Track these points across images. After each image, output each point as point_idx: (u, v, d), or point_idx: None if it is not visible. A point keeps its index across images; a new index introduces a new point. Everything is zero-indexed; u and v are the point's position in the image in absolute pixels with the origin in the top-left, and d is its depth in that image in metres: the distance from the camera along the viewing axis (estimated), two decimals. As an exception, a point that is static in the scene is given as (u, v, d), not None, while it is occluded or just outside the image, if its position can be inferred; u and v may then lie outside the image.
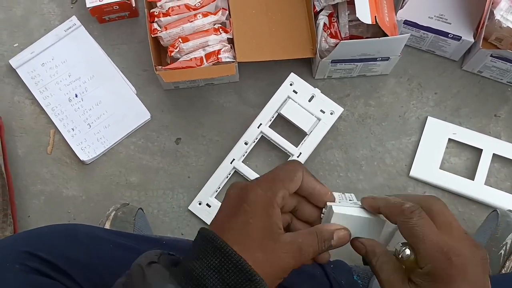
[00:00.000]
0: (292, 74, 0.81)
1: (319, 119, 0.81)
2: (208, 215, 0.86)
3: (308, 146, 0.81)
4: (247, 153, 0.84)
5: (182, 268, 0.40)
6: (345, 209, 0.46)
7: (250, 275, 0.37)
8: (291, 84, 0.82)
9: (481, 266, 0.40)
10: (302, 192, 0.45)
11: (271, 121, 0.83)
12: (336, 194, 0.48)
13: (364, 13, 0.76)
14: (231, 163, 0.85)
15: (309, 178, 0.45)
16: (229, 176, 0.87)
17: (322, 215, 0.46)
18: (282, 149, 0.82)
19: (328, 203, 0.46)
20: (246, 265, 0.38)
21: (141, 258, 0.42)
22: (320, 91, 0.80)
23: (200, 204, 0.87)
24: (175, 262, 0.42)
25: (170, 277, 0.38)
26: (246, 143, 0.80)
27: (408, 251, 0.41)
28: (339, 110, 0.82)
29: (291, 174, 0.43)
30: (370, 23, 0.76)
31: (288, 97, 0.81)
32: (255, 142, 0.85)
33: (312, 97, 0.81)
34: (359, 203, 0.47)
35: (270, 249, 0.40)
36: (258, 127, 0.81)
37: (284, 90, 0.82)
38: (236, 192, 0.42)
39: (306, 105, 0.81)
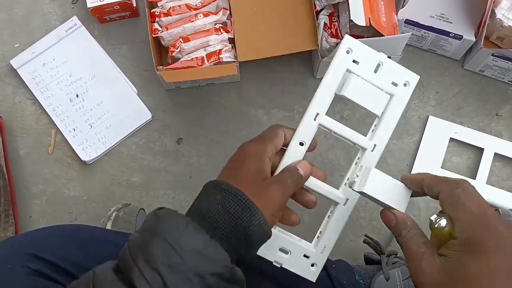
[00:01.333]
0: (347, 37, 0.55)
1: (391, 95, 0.56)
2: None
3: (382, 134, 0.56)
4: (307, 157, 0.56)
5: (190, 208, 0.47)
6: (384, 174, 0.50)
7: (247, 203, 0.44)
8: (348, 52, 0.54)
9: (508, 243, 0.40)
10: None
11: (328, 105, 0.57)
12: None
13: (358, 15, 0.77)
14: None
15: (290, 132, 0.53)
16: None
17: (356, 177, 0.51)
18: (349, 142, 0.57)
19: (366, 165, 0.53)
20: (243, 196, 0.44)
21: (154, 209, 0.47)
22: (386, 56, 0.55)
23: None
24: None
25: (178, 213, 0.45)
26: (302, 144, 0.54)
27: (444, 221, 0.42)
28: (414, 79, 0.56)
29: (275, 133, 0.52)
30: (364, 24, 0.77)
31: (348, 70, 0.55)
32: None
33: (378, 66, 0.55)
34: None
35: (260, 185, 0.47)
36: (314, 119, 0.54)
37: (340, 61, 0.54)
38: (236, 152, 0.51)
39: (373, 78, 0.55)
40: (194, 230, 0.43)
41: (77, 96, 0.94)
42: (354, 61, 0.55)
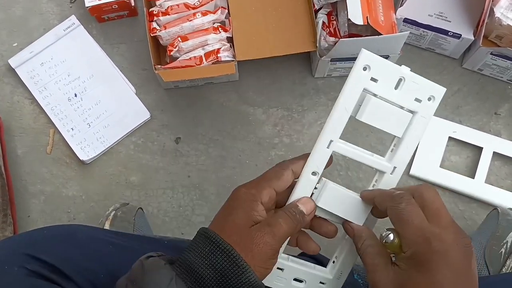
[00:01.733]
0: (364, 51, 0.48)
1: (414, 113, 0.49)
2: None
3: (402, 155, 0.50)
4: (320, 189, 0.50)
5: (178, 260, 0.44)
6: (339, 187, 0.50)
7: (235, 259, 0.41)
8: (365, 69, 0.48)
9: (464, 252, 0.41)
10: None
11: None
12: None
13: (355, 14, 0.77)
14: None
15: (300, 166, 0.49)
16: None
17: (314, 189, 0.49)
18: (366, 165, 0.52)
19: (324, 178, 0.50)
20: (232, 251, 0.42)
21: (142, 256, 0.45)
22: (409, 69, 0.49)
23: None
24: (173, 261, 0.45)
25: (165, 265, 0.42)
26: (314, 174, 0.49)
27: (391, 236, 0.43)
28: (440, 92, 0.50)
29: (279, 174, 0.47)
30: (362, 23, 0.76)
31: (365, 90, 0.48)
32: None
33: (400, 81, 0.49)
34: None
35: (246, 234, 0.43)
36: (328, 147, 0.49)
37: (357, 80, 0.48)
38: (230, 199, 0.47)
39: (393, 97, 0.49)
40: (177, 287, 0.41)
41: (76, 95, 0.94)
42: (372, 79, 0.48)
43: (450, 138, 0.90)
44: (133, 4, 0.95)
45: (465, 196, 0.88)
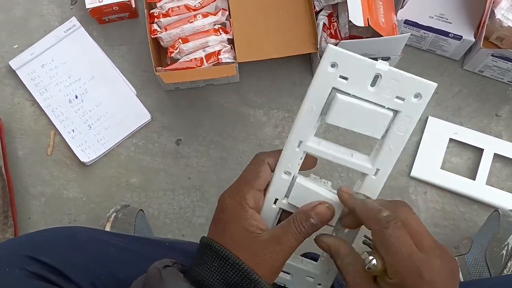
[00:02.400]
0: (330, 47, 0.42)
1: (396, 112, 0.44)
2: None
3: (386, 157, 0.46)
4: (293, 186, 0.48)
5: (190, 273, 0.43)
6: (309, 183, 0.46)
7: (246, 273, 0.40)
8: (333, 66, 0.43)
9: (451, 278, 0.39)
10: None
11: (316, 129, 0.47)
12: (312, 176, 0.48)
13: (356, 15, 0.77)
14: (274, 203, 0.49)
15: (277, 158, 0.47)
16: (278, 218, 0.52)
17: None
18: (348, 166, 0.47)
19: (296, 174, 0.47)
20: (242, 265, 0.41)
21: (156, 263, 0.44)
22: (387, 63, 0.43)
23: None
24: (185, 271, 0.45)
25: (183, 278, 0.42)
26: (287, 173, 0.47)
27: (374, 262, 0.40)
28: (428, 88, 0.44)
29: (256, 172, 0.45)
30: (362, 25, 0.77)
31: (334, 89, 0.44)
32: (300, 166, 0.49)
33: (377, 78, 0.43)
34: (334, 191, 0.46)
35: (252, 250, 0.42)
36: (298, 147, 0.46)
37: (323, 79, 0.43)
38: (218, 208, 0.45)
39: (368, 95, 0.43)
40: None
41: (76, 97, 0.94)
42: (341, 76, 0.43)
43: (451, 139, 0.90)
44: (133, 6, 0.95)
45: (466, 197, 0.88)
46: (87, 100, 0.94)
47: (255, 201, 0.45)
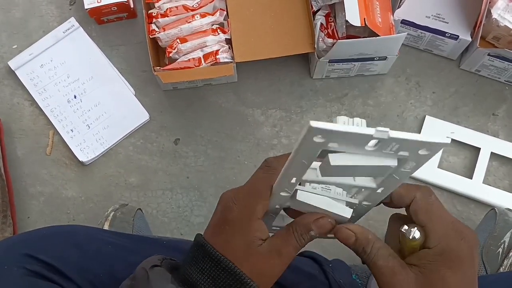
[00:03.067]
0: (311, 125, 0.30)
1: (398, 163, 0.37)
2: None
3: (390, 183, 0.40)
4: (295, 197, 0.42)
5: (180, 271, 0.42)
6: (311, 198, 0.41)
7: (239, 276, 0.39)
8: (319, 137, 0.32)
9: (478, 245, 0.40)
10: None
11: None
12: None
13: (353, 15, 0.77)
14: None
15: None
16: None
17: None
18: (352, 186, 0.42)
19: (297, 187, 0.41)
20: (234, 268, 0.39)
21: (144, 262, 0.43)
22: (388, 129, 0.32)
23: None
24: (176, 267, 0.44)
25: (171, 279, 0.40)
26: (285, 191, 0.42)
27: (418, 232, 0.39)
28: (438, 147, 0.36)
29: (268, 182, 0.42)
30: (359, 25, 0.77)
31: (325, 151, 0.34)
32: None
33: (378, 143, 0.34)
34: (340, 198, 0.42)
35: (253, 261, 0.40)
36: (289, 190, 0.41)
37: (307, 149, 0.34)
38: (220, 210, 0.43)
39: (368, 152, 0.35)
40: None
41: (75, 97, 0.94)
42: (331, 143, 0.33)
43: (448, 138, 0.90)
44: (132, 6, 0.95)
45: (463, 196, 0.88)
46: (86, 100, 0.94)
47: (263, 211, 0.42)
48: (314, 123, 0.31)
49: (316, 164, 0.38)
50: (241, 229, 0.41)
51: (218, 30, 0.88)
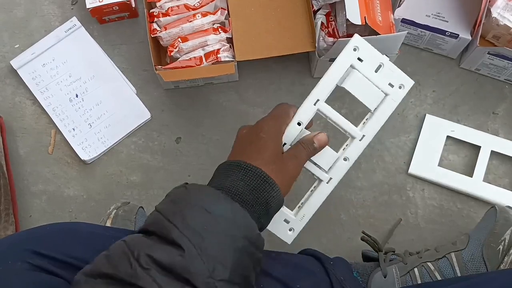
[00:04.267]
0: (357, 36, 0.62)
1: (386, 94, 0.63)
2: None
3: (372, 126, 0.63)
4: (301, 137, 0.63)
5: (212, 185, 0.52)
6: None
7: (265, 178, 0.51)
8: (355, 49, 0.62)
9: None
10: None
11: (329, 94, 0.63)
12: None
13: (353, 14, 0.78)
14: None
15: (295, 110, 0.62)
16: None
17: None
18: (341, 130, 0.64)
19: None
20: (262, 172, 0.51)
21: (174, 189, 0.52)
22: (388, 58, 0.63)
23: None
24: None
25: (207, 186, 0.50)
26: (299, 124, 0.61)
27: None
28: (409, 83, 0.63)
29: (287, 112, 0.60)
30: (360, 23, 0.77)
31: (352, 66, 0.62)
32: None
33: (380, 66, 0.62)
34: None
35: (279, 161, 0.55)
36: (314, 104, 0.62)
37: (346, 57, 0.62)
38: (249, 129, 0.60)
39: (372, 77, 0.62)
40: (225, 200, 0.48)
41: (77, 96, 0.95)
42: (359, 58, 0.62)
43: (448, 137, 0.91)
44: (133, 6, 0.96)
45: (463, 194, 0.88)
46: (88, 99, 0.94)
47: (285, 131, 0.59)
48: (358, 36, 0.62)
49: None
50: (273, 139, 0.57)
51: (219, 29, 0.89)
